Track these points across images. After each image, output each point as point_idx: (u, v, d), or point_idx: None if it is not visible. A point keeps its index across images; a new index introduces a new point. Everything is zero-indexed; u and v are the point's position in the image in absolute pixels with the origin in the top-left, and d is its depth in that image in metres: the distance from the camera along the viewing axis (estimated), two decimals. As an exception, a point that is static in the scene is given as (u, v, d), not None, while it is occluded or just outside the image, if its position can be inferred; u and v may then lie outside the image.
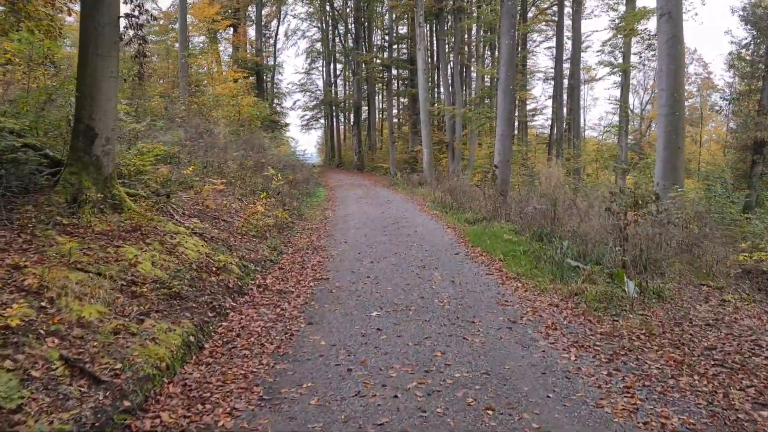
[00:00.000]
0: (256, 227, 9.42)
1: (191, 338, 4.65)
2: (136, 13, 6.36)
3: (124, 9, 6.49)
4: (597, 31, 35.93)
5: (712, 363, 4.67)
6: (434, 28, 29.74)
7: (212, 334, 5.06)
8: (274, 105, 35.79)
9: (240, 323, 5.44)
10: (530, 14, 28.45)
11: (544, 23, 30.48)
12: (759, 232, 10.05)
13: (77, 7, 7.11)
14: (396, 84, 34.53)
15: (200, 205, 9.15)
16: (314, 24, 42.18)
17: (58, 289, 4.31)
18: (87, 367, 3.60)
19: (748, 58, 19.42)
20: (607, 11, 26.55)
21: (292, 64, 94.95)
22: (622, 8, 22.10)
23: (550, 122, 29.23)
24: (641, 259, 7.76)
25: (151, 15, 6.62)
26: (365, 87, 35.98)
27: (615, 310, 6.04)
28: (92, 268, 5.00)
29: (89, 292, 4.49)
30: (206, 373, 4.26)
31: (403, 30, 34.49)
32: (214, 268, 6.41)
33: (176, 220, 7.48)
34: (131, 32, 6.48)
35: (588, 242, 8.49)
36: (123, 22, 6.45)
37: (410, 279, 7.37)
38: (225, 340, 4.98)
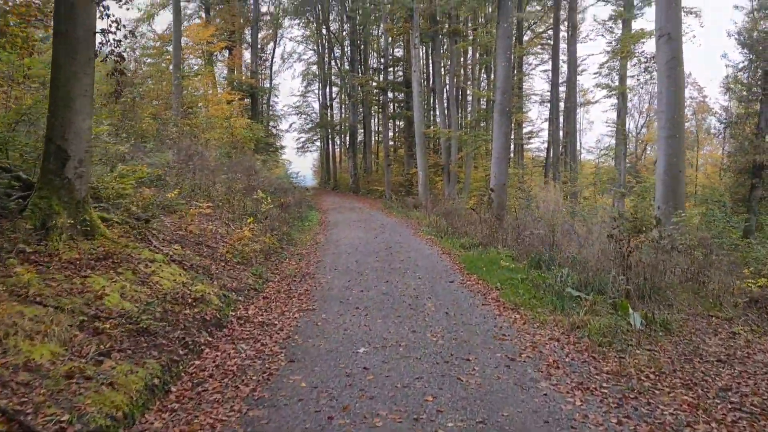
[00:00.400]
0: (241, 253, 9.00)
1: (156, 381, 4.19)
2: (113, 28, 6.05)
3: (100, 24, 6.16)
4: (593, 54, 36.62)
5: (730, 407, 4.26)
6: (430, 51, 29.74)
7: (182, 374, 4.59)
8: (270, 127, 35.58)
9: (214, 361, 4.98)
10: (526, 38, 28.51)
11: (539, 47, 30.54)
12: (762, 258, 9.71)
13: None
14: (392, 107, 34.43)
15: (183, 230, 8.75)
16: (310, 47, 42.35)
17: (7, 327, 3.88)
18: (27, 421, 3.16)
19: (745, 81, 19.31)
20: (603, 34, 26.50)
21: (288, 87, 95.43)
22: (618, 32, 22.09)
23: (546, 145, 29.07)
24: (645, 288, 7.38)
25: (130, 31, 6.30)
26: (361, 109, 35.89)
27: (621, 345, 5.63)
28: (52, 301, 4.58)
29: (43, 330, 4.06)
30: (169, 421, 3.80)
31: (399, 53, 34.55)
32: (190, 300, 5.96)
33: (154, 246, 7.07)
34: (107, 48, 6.14)
35: (589, 270, 8.10)
36: (99, 38, 6.12)
37: (402, 310, 6.94)
38: (195, 381, 4.52)
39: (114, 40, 6.13)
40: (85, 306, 4.79)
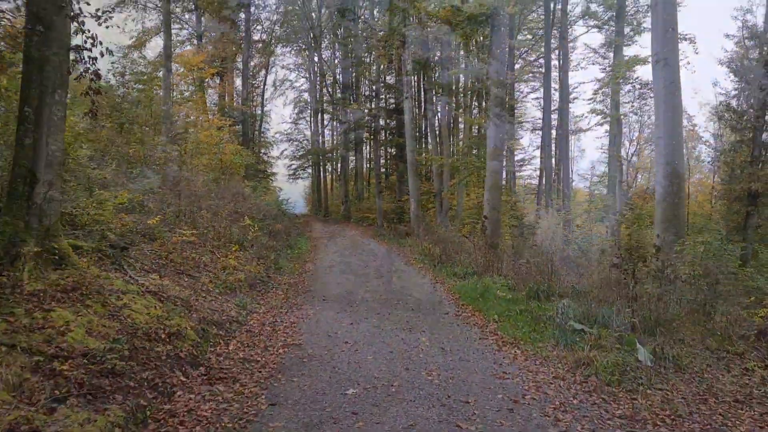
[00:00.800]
0: (224, 283, 8.53)
1: (117, 430, 3.71)
2: (89, 45, 5.71)
3: (76, 41, 5.81)
4: (584, 82, 37.45)
5: (757, 457, 3.85)
6: (422, 78, 29.75)
7: (149, 421, 4.09)
8: (261, 154, 35.26)
9: (187, 405, 4.49)
10: (517, 66, 28.60)
11: (531, 74, 30.68)
12: (762, 287, 9.38)
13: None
14: (384, 134, 34.28)
15: (163, 259, 8.28)
16: (302, 74, 42.39)
17: (-53, 371, 3.42)
18: (-46, 486, 2.68)
19: (736, 109, 19.27)
20: (595, 62, 26.64)
21: (280, 114, 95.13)
22: (610, 59, 22.16)
23: (538, 173, 28.96)
24: (650, 320, 7.00)
25: (107, 48, 5.96)
26: (352, 137, 35.72)
27: (631, 385, 5.22)
28: (5, 338, 4.11)
29: (-11, 373, 3.60)
30: (129, 480, 3.33)
31: (390, 80, 34.56)
32: (164, 335, 5.48)
33: (129, 276, 6.61)
34: (82, 66, 5.79)
35: (591, 301, 7.71)
36: (73, 55, 5.77)
37: (394, 345, 6.49)
38: (164, 429, 4.03)
39: (89, 57, 5.78)
40: (45, 344, 4.32)
